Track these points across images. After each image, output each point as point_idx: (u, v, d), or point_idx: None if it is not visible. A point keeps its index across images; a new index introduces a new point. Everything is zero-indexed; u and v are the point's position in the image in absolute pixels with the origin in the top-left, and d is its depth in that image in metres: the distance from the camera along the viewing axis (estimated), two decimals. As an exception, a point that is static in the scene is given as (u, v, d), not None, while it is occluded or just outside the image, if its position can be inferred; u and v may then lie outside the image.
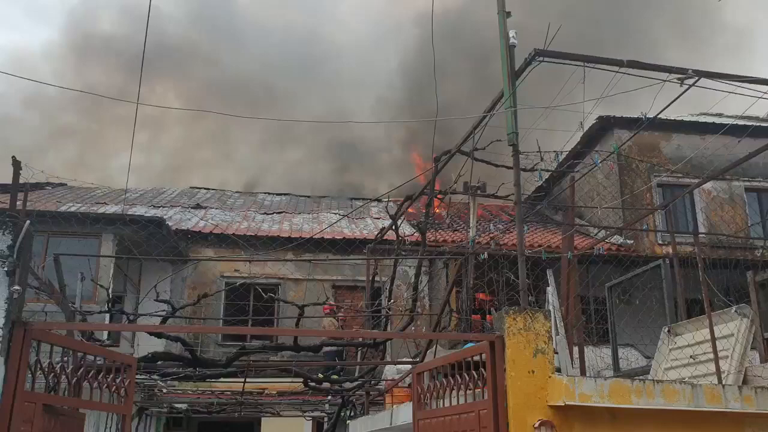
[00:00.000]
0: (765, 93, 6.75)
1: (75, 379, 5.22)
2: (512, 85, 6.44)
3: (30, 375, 4.73)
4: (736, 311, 7.69)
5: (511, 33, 6.47)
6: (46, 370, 4.91)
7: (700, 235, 15.94)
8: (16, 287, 4.81)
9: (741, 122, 16.74)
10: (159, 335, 10.17)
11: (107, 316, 12.21)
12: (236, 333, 17.08)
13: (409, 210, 16.48)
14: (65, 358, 5.65)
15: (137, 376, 9.54)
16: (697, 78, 6.45)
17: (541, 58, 6.34)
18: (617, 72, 6.44)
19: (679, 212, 19.72)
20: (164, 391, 13.58)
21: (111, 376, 5.43)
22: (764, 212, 20.31)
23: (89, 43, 39.11)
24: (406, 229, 17.64)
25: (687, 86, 6.47)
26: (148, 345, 12.28)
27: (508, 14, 6.51)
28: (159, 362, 10.21)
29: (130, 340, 15.88)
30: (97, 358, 5.77)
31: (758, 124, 15.06)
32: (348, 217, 20.64)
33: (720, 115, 20.40)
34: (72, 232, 14.46)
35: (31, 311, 9.28)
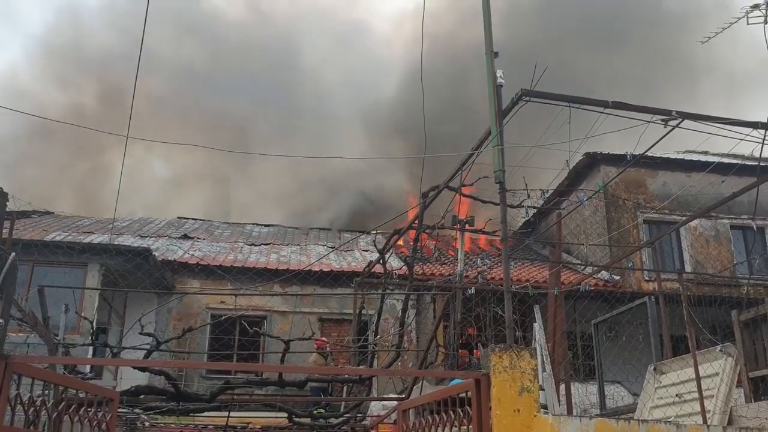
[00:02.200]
0: (747, 135, 6.88)
1: (55, 413, 5.15)
2: (499, 124, 6.52)
3: (10, 409, 4.66)
4: (721, 350, 7.72)
5: (499, 73, 6.58)
6: (27, 404, 4.84)
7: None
8: (-1, 320, 4.78)
9: (726, 160, 16.96)
10: (143, 368, 10.06)
11: (90, 348, 12.08)
12: (220, 368, 16.92)
13: (399, 243, 16.49)
14: (46, 392, 5.57)
15: (120, 410, 9.43)
16: (680, 120, 6.56)
17: (527, 98, 6.44)
18: (602, 113, 6.54)
19: (665, 249, 19.84)
20: (147, 424, 13.38)
21: (92, 410, 5.35)
22: (749, 250, 20.45)
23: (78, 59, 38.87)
24: (394, 262, 17.62)
25: (671, 127, 6.58)
26: (131, 378, 12.13)
27: (496, 54, 6.60)
28: (142, 396, 10.09)
29: (113, 373, 15.69)
30: (79, 392, 5.70)
31: (743, 162, 15.25)
32: (336, 250, 20.62)
33: (706, 152, 20.65)
34: (58, 262, 14.36)
35: (13, 343, 9.19)
